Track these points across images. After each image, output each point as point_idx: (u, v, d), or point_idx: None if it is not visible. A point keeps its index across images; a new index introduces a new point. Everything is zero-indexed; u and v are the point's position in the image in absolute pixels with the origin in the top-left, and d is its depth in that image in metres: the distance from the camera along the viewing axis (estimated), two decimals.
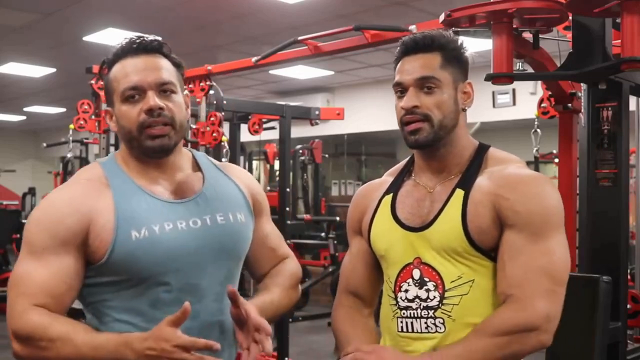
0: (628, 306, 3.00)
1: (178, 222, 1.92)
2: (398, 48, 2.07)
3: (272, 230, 2.22)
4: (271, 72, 11.88)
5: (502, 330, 1.83)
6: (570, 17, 2.77)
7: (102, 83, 2.11)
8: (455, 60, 2.05)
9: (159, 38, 2.02)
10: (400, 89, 2.03)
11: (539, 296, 1.84)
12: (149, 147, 1.92)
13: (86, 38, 9.74)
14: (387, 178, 2.22)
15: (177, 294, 1.89)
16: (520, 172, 2.00)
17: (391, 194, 2.14)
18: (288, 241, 6.18)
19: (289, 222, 6.27)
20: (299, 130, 8.16)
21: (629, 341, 3.23)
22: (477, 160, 2.05)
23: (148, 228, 1.87)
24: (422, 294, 1.99)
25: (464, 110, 2.08)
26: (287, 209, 6.21)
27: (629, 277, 3.26)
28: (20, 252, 1.88)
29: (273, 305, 2.05)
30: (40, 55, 11.13)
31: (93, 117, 7.04)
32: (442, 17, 2.73)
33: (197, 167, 2.09)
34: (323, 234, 9.94)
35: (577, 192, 3.41)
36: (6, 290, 1.87)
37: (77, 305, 1.97)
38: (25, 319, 1.78)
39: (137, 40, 1.97)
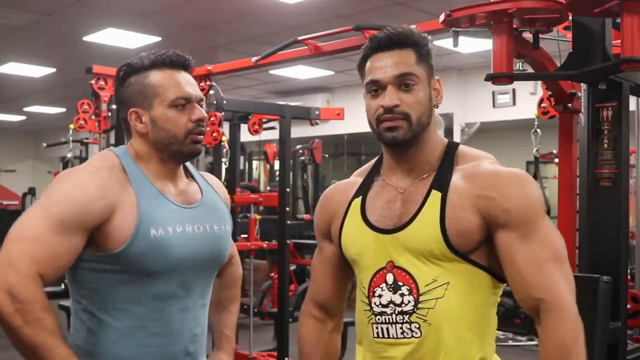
0: (628, 306, 3.00)
1: (186, 225, 2.11)
2: (367, 44, 2.02)
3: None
4: (271, 72, 11.88)
5: (565, 346, 1.85)
6: (570, 17, 2.77)
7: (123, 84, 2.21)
8: (427, 56, 2.01)
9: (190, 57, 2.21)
10: (375, 87, 1.98)
11: (564, 291, 1.87)
12: (191, 151, 2.15)
13: (86, 38, 9.74)
14: (356, 179, 2.17)
15: (175, 288, 2.08)
16: (496, 169, 1.97)
17: (360, 197, 2.09)
18: (288, 241, 6.26)
19: (289, 222, 6.26)
20: (299, 130, 8.16)
21: (629, 341, 3.23)
22: (448, 159, 2.02)
23: (164, 228, 2.04)
24: (397, 298, 1.95)
25: (436, 107, 2.04)
26: (287, 209, 6.20)
27: (629, 277, 3.27)
28: (38, 205, 1.94)
29: (234, 326, 2.48)
30: (40, 55, 11.11)
31: (93, 117, 7.05)
32: (442, 17, 2.73)
33: (188, 175, 2.28)
34: None
35: (577, 192, 3.42)
36: None
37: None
38: (29, 284, 1.80)
39: (179, 57, 2.16)
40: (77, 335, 2.06)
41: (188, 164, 2.30)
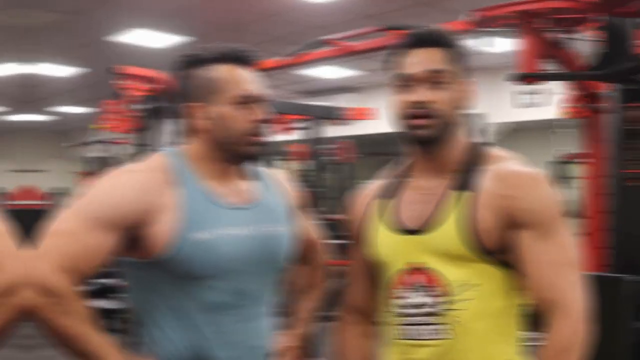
0: None
1: (237, 228, 2.01)
2: (402, 41, 2.01)
3: (305, 221, 2.32)
4: (299, 72, 11.89)
5: (566, 348, 1.84)
6: (602, 18, 2.76)
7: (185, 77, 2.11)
8: (460, 57, 2.00)
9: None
10: (406, 82, 1.96)
11: (577, 296, 1.87)
12: (251, 153, 2.06)
13: (114, 38, 9.79)
14: (380, 181, 2.18)
15: (225, 297, 1.98)
16: (518, 170, 1.95)
17: (385, 198, 2.08)
18: None
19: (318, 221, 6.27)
20: (329, 130, 8.17)
21: None
22: (475, 160, 2.00)
23: (211, 231, 1.95)
24: (419, 299, 1.94)
25: (468, 108, 2.03)
26: (318, 208, 6.21)
27: None
28: (75, 203, 1.90)
29: (310, 310, 2.36)
30: (68, 55, 11.18)
31: (120, 116, 7.09)
32: (469, 17, 2.72)
33: (248, 174, 2.16)
34: None
35: (607, 192, 3.39)
36: None
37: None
38: (61, 277, 1.77)
39: (245, 52, 2.11)
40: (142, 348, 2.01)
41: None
